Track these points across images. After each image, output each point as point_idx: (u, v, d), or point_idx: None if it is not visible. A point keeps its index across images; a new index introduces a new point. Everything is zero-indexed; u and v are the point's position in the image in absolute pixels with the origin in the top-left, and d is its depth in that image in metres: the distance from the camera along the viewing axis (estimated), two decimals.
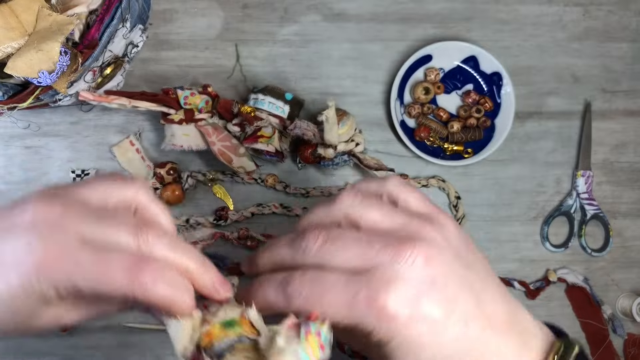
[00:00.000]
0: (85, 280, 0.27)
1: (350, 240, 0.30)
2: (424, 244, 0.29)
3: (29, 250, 0.27)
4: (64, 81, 0.44)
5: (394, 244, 0.29)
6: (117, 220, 0.29)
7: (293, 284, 0.30)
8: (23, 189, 0.56)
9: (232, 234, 0.56)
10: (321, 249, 0.30)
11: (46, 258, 0.27)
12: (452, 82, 0.59)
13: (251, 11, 0.59)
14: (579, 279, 0.58)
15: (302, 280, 0.30)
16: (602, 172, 0.60)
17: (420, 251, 0.29)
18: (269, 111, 0.53)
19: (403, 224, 0.31)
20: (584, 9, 0.61)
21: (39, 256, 0.27)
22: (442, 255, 0.30)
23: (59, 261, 0.27)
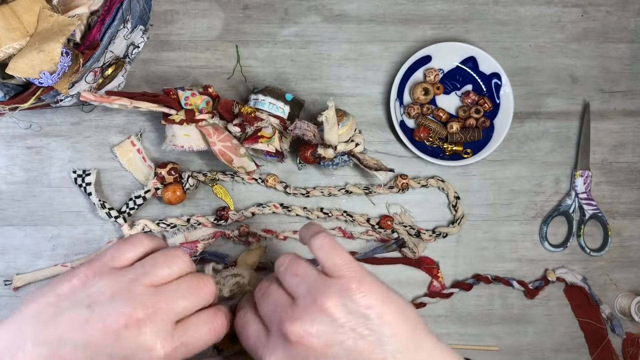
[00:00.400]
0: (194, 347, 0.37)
1: (301, 269, 0.38)
2: (331, 292, 0.36)
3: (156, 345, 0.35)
4: (65, 82, 0.44)
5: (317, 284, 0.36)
6: None
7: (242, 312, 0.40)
8: (24, 189, 0.56)
9: (233, 232, 0.56)
10: (282, 270, 0.39)
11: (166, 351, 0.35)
12: (452, 83, 0.60)
13: (252, 12, 0.59)
14: (578, 278, 0.58)
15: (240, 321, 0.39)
16: (600, 172, 0.60)
17: (322, 305, 0.35)
18: (270, 112, 0.53)
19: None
20: (582, 9, 0.61)
21: (164, 351, 0.35)
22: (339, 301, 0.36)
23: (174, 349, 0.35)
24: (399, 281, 0.58)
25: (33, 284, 0.56)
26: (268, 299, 0.38)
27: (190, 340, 0.36)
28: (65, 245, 0.56)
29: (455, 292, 0.58)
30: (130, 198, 0.55)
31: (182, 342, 0.36)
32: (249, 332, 0.38)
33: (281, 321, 0.35)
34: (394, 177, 0.58)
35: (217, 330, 0.38)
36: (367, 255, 0.57)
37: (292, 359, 0.35)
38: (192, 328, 0.37)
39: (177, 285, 0.37)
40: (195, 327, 0.37)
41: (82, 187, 0.55)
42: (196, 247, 0.55)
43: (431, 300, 0.57)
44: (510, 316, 0.59)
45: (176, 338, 0.35)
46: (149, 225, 0.55)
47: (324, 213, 0.57)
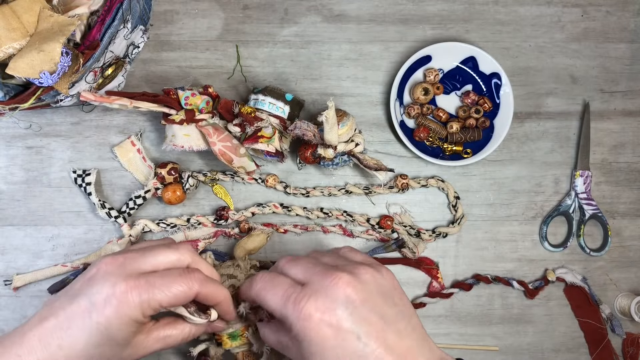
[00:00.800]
0: (160, 291, 0.39)
1: (304, 262, 0.42)
2: (351, 275, 0.39)
3: (112, 286, 0.38)
4: (66, 82, 0.44)
5: (328, 269, 0.39)
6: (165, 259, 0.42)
7: (256, 279, 0.42)
8: (24, 189, 0.56)
9: (233, 230, 0.56)
10: (285, 264, 0.43)
11: (127, 287, 0.38)
12: (451, 83, 0.60)
13: (252, 12, 0.59)
14: (578, 278, 0.58)
15: (262, 276, 0.42)
16: (600, 172, 0.60)
17: (345, 278, 0.38)
18: (270, 112, 0.53)
19: (343, 264, 0.41)
20: (582, 9, 0.61)
21: (122, 287, 0.38)
22: (364, 287, 0.39)
23: (137, 286, 0.38)
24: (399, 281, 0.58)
25: (33, 283, 0.56)
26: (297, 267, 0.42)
27: (157, 282, 0.39)
28: (65, 245, 0.56)
29: (455, 292, 0.58)
30: (130, 198, 0.55)
31: (147, 281, 0.39)
32: (277, 285, 0.40)
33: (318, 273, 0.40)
34: (394, 177, 0.58)
35: (189, 278, 0.40)
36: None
37: (332, 300, 0.38)
38: (160, 273, 0.40)
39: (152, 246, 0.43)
40: (162, 272, 0.40)
41: (82, 187, 0.55)
42: (197, 246, 0.55)
43: (431, 300, 0.57)
44: (510, 316, 0.59)
45: (141, 277, 0.39)
46: (149, 225, 0.56)
47: (323, 213, 0.57)
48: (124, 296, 0.38)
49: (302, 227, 0.57)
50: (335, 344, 0.37)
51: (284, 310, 0.39)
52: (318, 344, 0.37)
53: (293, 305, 0.38)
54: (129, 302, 0.38)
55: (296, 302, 0.38)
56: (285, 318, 0.39)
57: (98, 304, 0.38)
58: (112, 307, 0.38)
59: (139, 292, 0.38)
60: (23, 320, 0.55)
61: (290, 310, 0.38)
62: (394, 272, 0.58)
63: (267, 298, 0.40)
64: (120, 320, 0.38)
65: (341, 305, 0.37)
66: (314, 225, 0.57)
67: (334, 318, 0.37)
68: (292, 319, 0.38)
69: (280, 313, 0.39)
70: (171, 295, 0.39)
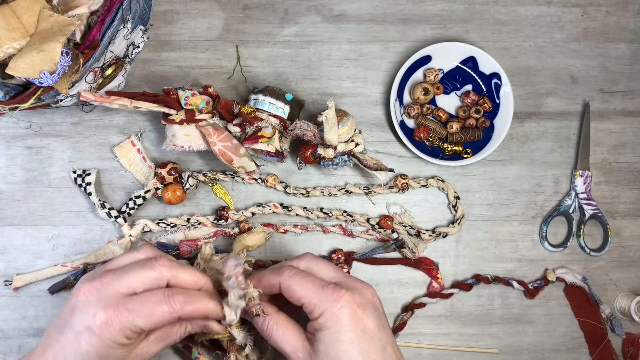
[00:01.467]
0: (140, 318, 0.39)
1: (328, 264, 0.45)
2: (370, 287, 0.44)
3: (92, 316, 0.39)
4: (66, 82, 0.44)
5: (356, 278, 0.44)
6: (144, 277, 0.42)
7: (284, 269, 0.43)
8: (24, 189, 0.56)
9: (233, 230, 0.56)
10: (309, 261, 0.45)
11: (106, 316, 0.39)
12: (451, 83, 0.60)
13: (252, 12, 0.59)
14: (578, 278, 0.58)
15: (291, 268, 0.43)
16: (600, 172, 0.60)
17: (372, 289, 0.43)
18: (270, 112, 0.53)
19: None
20: (582, 9, 0.61)
21: (102, 317, 0.39)
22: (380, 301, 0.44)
23: (117, 315, 0.39)
24: (399, 281, 0.58)
25: (33, 283, 0.56)
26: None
27: (137, 308, 0.39)
28: (65, 245, 0.56)
29: (455, 292, 0.58)
30: (130, 198, 0.55)
31: (127, 308, 0.39)
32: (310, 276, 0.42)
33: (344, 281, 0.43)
34: (394, 177, 0.58)
35: (170, 301, 0.40)
36: (366, 255, 0.57)
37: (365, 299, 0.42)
38: (140, 297, 0.40)
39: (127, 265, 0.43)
40: (143, 297, 0.40)
41: (82, 187, 0.55)
42: (196, 245, 0.55)
43: (431, 301, 0.57)
44: (510, 316, 0.59)
45: (121, 303, 0.40)
46: (149, 225, 0.56)
47: (323, 213, 0.57)
48: (105, 326, 0.39)
49: (302, 227, 0.57)
50: (362, 336, 0.40)
51: (320, 295, 0.41)
52: (349, 331, 0.40)
53: (332, 292, 0.41)
54: (110, 331, 0.39)
55: (334, 290, 0.41)
56: (318, 304, 0.41)
57: (83, 335, 0.39)
58: (95, 336, 0.39)
59: (119, 320, 0.39)
60: (23, 320, 0.55)
61: (328, 296, 0.41)
62: (393, 272, 0.58)
63: (301, 285, 0.42)
64: (107, 345, 0.39)
65: (371, 307, 0.42)
66: (314, 225, 0.57)
67: (366, 314, 0.41)
68: (327, 305, 0.40)
69: (313, 298, 0.41)
70: (153, 320, 0.40)
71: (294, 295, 0.42)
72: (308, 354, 0.41)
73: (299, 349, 0.42)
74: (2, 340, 0.55)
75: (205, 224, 0.56)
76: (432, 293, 0.58)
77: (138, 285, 0.41)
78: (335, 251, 0.57)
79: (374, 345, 0.40)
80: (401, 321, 0.57)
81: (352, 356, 0.40)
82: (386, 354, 0.41)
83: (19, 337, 0.55)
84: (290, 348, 0.42)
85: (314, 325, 0.42)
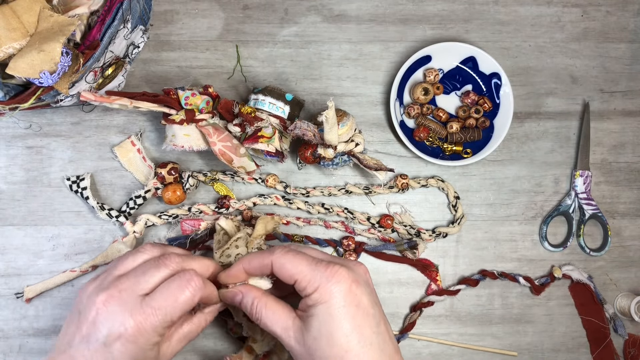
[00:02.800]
0: (168, 312, 0.40)
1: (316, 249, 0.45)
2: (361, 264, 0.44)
3: (121, 326, 0.39)
4: (66, 82, 0.44)
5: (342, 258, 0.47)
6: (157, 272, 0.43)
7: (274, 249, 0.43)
8: (24, 189, 0.56)
9: (236, 217, 0.56)
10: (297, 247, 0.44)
11: (136, 323, 0.40)
12: (451, 83, 0.60)
13: (252, 12, 0.59)
14: (584, 276, 0.58)
15: (282, 248, 0.43)
16: (600, 172, 0.60)
17: (364, 266, 0.43)
18: (270, 112, 0.53)
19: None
20: (582, 9, 0.61)
21: (132, 325, 0.39)
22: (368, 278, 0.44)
23: (146, 318, 0.40)
24: (399, 281, 0.58)
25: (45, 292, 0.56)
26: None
27: (162, 304, 0.40)
28: (65, 245, 0.56)
29: (462, 288, 0.58)
30: (130, 198, 0.55)
31: (153, 307, 0.40)
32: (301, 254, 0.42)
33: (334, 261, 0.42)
34: (394, 177, 0.58)
35: (190, 285, 0.41)
36: (377, 249, 0.57)
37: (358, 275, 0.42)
38: (159, 292, 0.41)
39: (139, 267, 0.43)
40: (162, 290, 0.41)
41: (78, 192, 0.55)
42: (199, 225, 0.55)
43: (439, 299, 0.57)
44: (510, 316, 0.59)
45: (144, 305, 0.40)
46: (151, 219, 0.55)
47: (324, 209, 0.57)
48: (138, 332, 0.40)
49: (305, 220, 0.57)
50: (356, 311, 0.40)
51: (314, 271, 0.40)
52: (344, 306, 0.39)
53: (325, 267, 0.40)
54: (144, 335, 0.40)
55: (328, 265, 0.40)
56: (312, 280, 0.40)
57: (115, 345, 0.39)
58: (130, 343, 0.40)
59: (150, 323, 0.40)
60: (23, 320, 0.55)
61: (322, 271, 0.40)
62: (393, 271, 0.58)
63: (294, 262, 0.41)
64: (143, 348, 0.40)
65: (365, 283, 0.41)
66: (317, 219, 0.57)
67: (360, 290, 0.40)
68: (322, 280, 0.40)
69: (307, 274, 0.40)
70: (179, 309, 0.41)
71: (287, 273, 0.42)
72: (300, 331, 0.41)
73: (290, 328, 0.41)
74: (2, 340, 0.55)
75: (207, 212, 0.56)
76: (438, 291, 0.58)
77: (157, 284, 0.42)
78: (347, 237, 0.57)
79: (367, 321, 0.40)
80: (410, 321, 0.57)
81: (346, 331, 0.39)
82: (379, 330, 0.40)
83: (19, 337, 0.55)
84: (281, 328, 0.42)
85: (307, 302, 0.41)
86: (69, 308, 0.55)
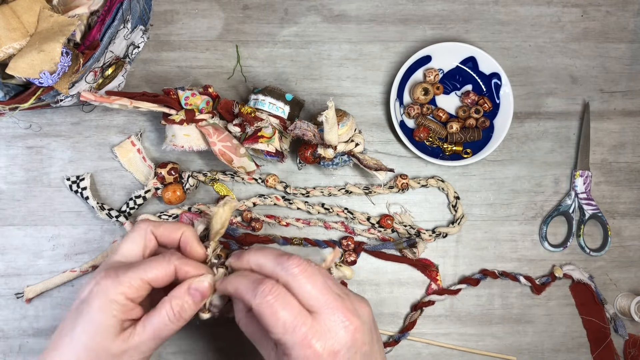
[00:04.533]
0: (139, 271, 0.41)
1: (318, 283, 0.40)
2: (358, 318, 0.39)
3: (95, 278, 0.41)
4: (66, 82, 0.44)
5: (337, 301, 0.39)
6: None
7: (265, 286, 0.39)
8: (24, 189, 0.56)
9: (236, 218, 0.57)
10: (299, 274, 0.40)
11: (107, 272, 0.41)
12: (451, 83, 0.60)
13: (252, 12, 0.59)
14: (585, 275, 0.58)
15: (269, 287, 0.39)
16: (600, 172, 0.60)
17: (355, 322, 0.39)
18: (270, 112, 0.53)
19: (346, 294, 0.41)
20: (582, 10, 0.61)
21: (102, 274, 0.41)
22: (365, 327, 0.40)
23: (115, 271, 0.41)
24: (399, 281, 0.58)
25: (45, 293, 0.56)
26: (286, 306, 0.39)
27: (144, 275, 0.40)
28: (65, 245, 0.56)
29: (464, 287, 0.58)
30: (130, 198, 0.55)
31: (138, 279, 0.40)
32: (286, 306, 0.38)
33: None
34: (394, 177, 0.58)
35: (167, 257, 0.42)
36: (376, 248, 0.57)
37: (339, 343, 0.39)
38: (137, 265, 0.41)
39: None
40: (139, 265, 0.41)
41: (78, 192, 0.55)
42: (197, 217, 0.56)
43: (439, 298, 0.57)
44: (510, 316, 0.59)
45: (125, 281, 0.40)
46: (151, 218, 0.55)
47: (324, 209, 0.57)
48: (107, 277, 0.40)
49: (305, 222, 0.57)
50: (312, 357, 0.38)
51: (288, 338, 0.38)
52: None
53: (301, 338, 0.38)
54: (112, 282, 0.40)
55: (305, 337, 0.38)
56: (285, 345, 0.38)
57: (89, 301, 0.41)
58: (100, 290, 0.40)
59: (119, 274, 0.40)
60: (23, 320, 0.55)
61: (297, 342, 0.38)
62: (393, 271, 0.58)
63: (272, 320, 0.38)
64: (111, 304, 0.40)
65: (344, 349, 0.39)
66: (316, 220, 0.57)
67: (315, 340, 0.38)
68: (295, 351, 0.38)
69: (281, 339, 0.38)
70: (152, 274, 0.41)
71: (265, 324, 0.39)
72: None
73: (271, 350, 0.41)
74: (2, 340, 0.55)
75: (207, 213, 0.56)
76: (440, 290, 0.58)
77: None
78: (346, 237, 0.57)
79: None
80: (411, 320, 0.57)
81: None
82: None
83: (19, 337, 0.55)
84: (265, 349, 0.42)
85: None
86: (69, 308, 0.55)
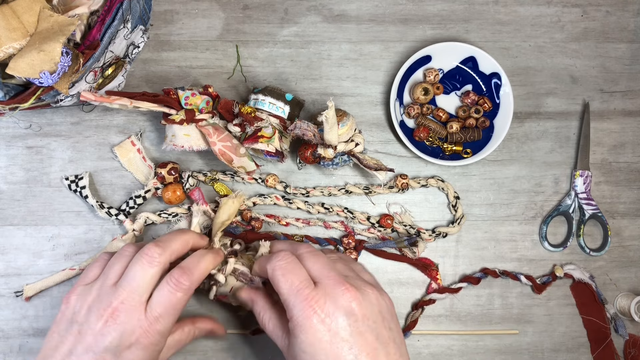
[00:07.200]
0: (169, 315, 0.43)
1: (322, 261, 0.44)
2: (359, 291, 0.41)
3: (134, 334, 0.42)
4: (66, 82, 0.44)
5: (340, 277, 0.42)
6: None
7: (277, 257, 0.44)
8: (24, 189, 0.56)
9: (236, 218, 0.56)
10: (306, 253, 0.45)
11: (145, 331, 0.42)
12: (451, 83, 0.60)
13: (252, 12, 0.59)
14: (586, 275, 0.58)
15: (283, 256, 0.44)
16: (600, 172, 0.60)
17: (353, 291, 0.41)
18: (270, 111, 0.53)
19: (354, 277, 0.44)
20: (582, 9, 0.61)
21: (142, 334, 0.42)
22: (368, 305, 0.41)
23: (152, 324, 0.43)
24: (399, 281, 0.58)
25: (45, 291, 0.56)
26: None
27: (162, 310, 0.42)
28: (65, 245, 0.56)
29: (464, 286, 0.58)
30: (130, 197, 0.55)
31: (155, 313, 0.42)
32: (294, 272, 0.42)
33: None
34: (394, 177, 0.58)
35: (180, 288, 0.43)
36: (377, 246, 0.57)
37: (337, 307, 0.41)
38: (157, 299, 0.43)
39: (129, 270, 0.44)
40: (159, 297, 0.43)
41: (77, 191, 0.55)
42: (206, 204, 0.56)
43: (440, 296, 0.57)
44: (510, 316, 0.59)
45: (148, 313, 0.42)
46: (151, 217, 0.55)
47: (324, 208, 0.57)
48: (146, 339, 0.42)
49: (305, 221, 0.57)
50: (328, 348, 0.39)
51: (292, 299, 0.41)
52: (312, 343, 0.39)
53: (302, 299, 0.40)
54: (151, 340, 0.43)
55: (306, 298, 0.40)
56: (290, 306, 0.41)
57: (124, 354, 0.42)
58: (139, 350, 0.42)
59: (156, 329, 0.43)
60: (23, 320, 0.55)
61: (298, 302, 0.41)
62: (393, 271, 0.58)
63: (282, 281, 0.42)
64: (150, 354, 0.43)
65: (343, 315, 0.40)
66: (316, 220, 0.57)
67: (334, 324, 0.40)
68: (297, 311, 0.40)
69: (287, 300, 0.41)
70: (177, 311, 0.44)
71: (275, 287, 0.44)
72: (286, 347, 0.43)
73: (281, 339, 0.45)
74: (2, 340, 0.55)
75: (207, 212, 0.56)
76: (440, 288, 0.58)
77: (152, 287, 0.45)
78: (347, 235, 0.57)
79: (338, 354, 0.39)
80: (412, 319, 0.57)
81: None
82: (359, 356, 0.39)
83: (19, 337, 0.55)
84: (276, 337, 0.45)
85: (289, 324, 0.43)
86: None
